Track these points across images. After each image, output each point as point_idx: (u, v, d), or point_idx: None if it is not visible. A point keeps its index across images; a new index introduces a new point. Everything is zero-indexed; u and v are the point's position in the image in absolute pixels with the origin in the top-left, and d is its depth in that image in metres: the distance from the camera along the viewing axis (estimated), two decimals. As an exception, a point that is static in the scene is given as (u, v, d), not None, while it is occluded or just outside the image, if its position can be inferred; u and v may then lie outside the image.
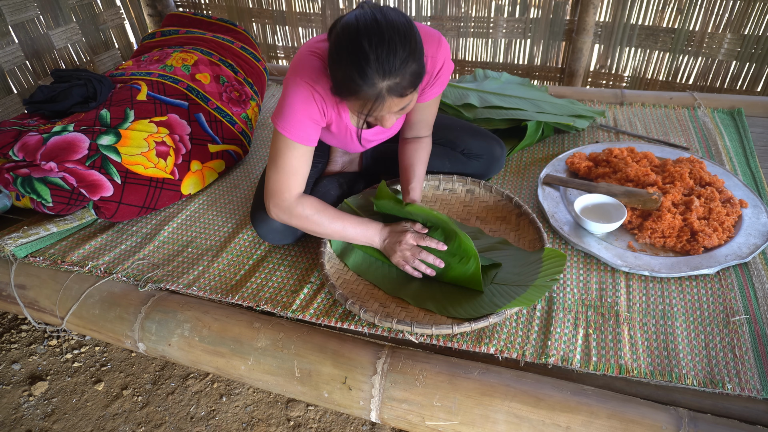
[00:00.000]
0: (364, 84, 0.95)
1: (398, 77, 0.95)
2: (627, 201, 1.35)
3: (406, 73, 0.96)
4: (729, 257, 1.20)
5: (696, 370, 0.99)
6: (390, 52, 0.92)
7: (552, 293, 1.17)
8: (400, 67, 0.94)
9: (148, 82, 1.66)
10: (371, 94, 0.97)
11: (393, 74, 0.94)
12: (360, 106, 1.01)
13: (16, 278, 1.34)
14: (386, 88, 0.96)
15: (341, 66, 0.96)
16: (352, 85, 0.96)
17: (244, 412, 1.48)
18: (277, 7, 2.94)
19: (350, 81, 0.95)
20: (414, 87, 1.00)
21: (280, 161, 1.15)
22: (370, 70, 0.93)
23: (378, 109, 1.01)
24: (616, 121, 1.89)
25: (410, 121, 1.32)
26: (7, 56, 2.22)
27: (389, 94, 0.97)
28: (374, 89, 0.96)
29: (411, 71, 0.97)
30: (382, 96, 0.97)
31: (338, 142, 1.35)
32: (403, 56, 0.94)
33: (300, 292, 1.22)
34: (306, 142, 1.14)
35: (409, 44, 0.95)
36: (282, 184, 1.16)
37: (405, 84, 0.97)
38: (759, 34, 2.16)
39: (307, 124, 1.13)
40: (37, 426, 1.47)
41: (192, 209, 1.57)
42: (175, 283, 1.28)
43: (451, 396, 0.95)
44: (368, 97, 0.97)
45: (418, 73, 0.99)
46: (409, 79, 0.97)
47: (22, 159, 1.39)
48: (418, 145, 1.33)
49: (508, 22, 2.57)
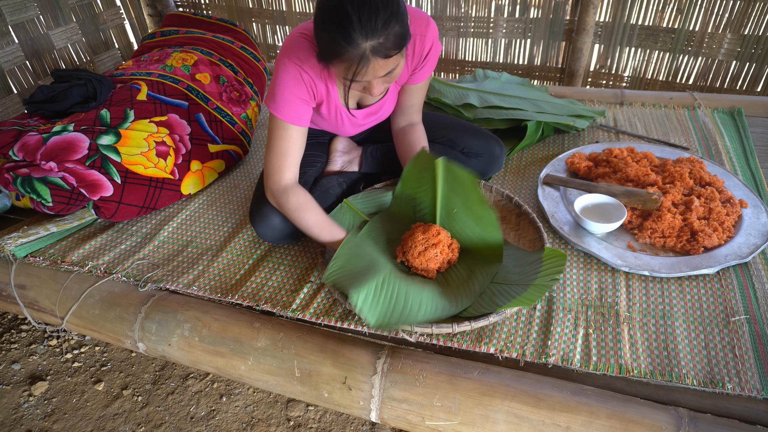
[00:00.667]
0: (348, 45, 0.97)
1: (381, 37, 0.97)
2: (627, 201, 1.35)
3: (389, 34, 0.98)
4: (729, 257, 1.20)
5: (696, 370, 0.99)
6: (372, 12, 0.94)
7: (552, 293, 1.17)
8: (383, 27, 0.96)
9: (148, 82, 1.66)
10: (355, 54, 0.98)
11: (376, 34, 0.96)
12: (345, 70, 1.03)
13: (16, 278, 1.34)
14: (370, 49, 0.98)
15: (325, 29, 0.99)
16: (337, 47, 0.98)
17: (244, 412, 1.48)
18: (277, 7, 2.94)
19: (334, 43, 0.98)
20: (398, 48, 1.01)
21: (273, 142, 1.20)
22: (353, 31, 0.95)
23: (363, 72, 1.02)
24: (616, 121, 1.89)
25: (402, 106, 1.34)
26: (7, 56, 2.23)
27: (373, 54, 0.99)
28: (358, 50, 0.97)
29: (394, 32, 0.98)
30: (366, 57, 0.99)
31: (330, 125, 1.36)
32: (385, 17, 0.96)
33: (300, 292, 1.22)
34: (296, 122, 1.18)
35: (391, 5, 0.97)
36: (274, 165, 1.20)
37: (389, 45, 0.99)
38: (759, 34, 2.16)
39: (296, 104, 1.16)
40: (37, 426, 1.47)
41: (192, 209, 1.57)
42: (175, 283, 1.28)
43: (451, 396, 0.95)
44: (353, 59, 0.99)
45: (401, 35, 1.00)
46: (392, 40, 0.99)
47: (22, 159, 1.39)
48: (414, 132, 1.35)
49: (508, 22, 2.57)
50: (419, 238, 1.17)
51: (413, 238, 1.18)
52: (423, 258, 1.16)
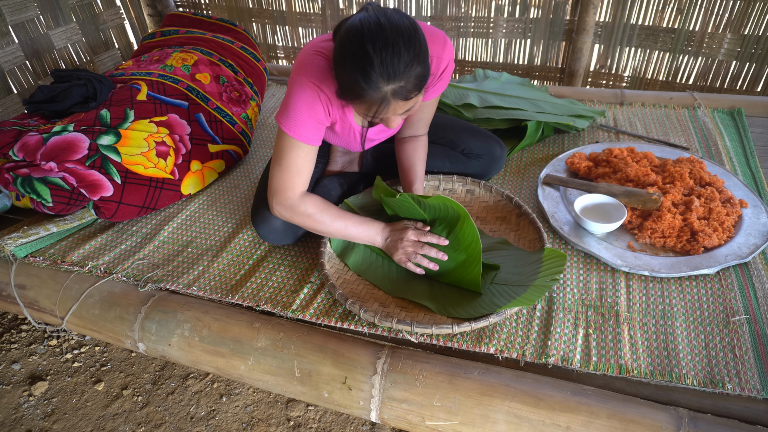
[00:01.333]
0: (369, 88, 0.95)
1: (403, 81, 0.95)
2: (627, 201, 1.35)
3: (410, 77, 0.96)
4: (729, 257, 1.20)
5: (696, 370, 0.99)
6: (394, 55, 0.92)
7: (552, 293, 1.17)
8: (404, 70, 0.94)
9: (148, 82, 1.66)
10: (376, 98, 0.97)
11: (398, 78, 0.94)
12: (365, 110, 1.02)
13: (16, 278, 1.34)
14: (391, 92, 0.96)
15: (346, 70, 0.97)
16: (357, 89, 0.96)
17: (244, 412, 1.48)
18: (277, 7, 2.94)
19: (355, 85, 0.96)
20: (419, 90, 1.00)
21: (284, 160, 1.15)
22: (375, 74, 0.93)
23: (383, 112, 1.01)
24: (616, 121, 1.89)
25: (410, 120, 1.33)
26: (7, 56, 2.23)
27: (394, 97, 0.98)
28: (379, 93, 0.96)
29: (416, 74, 0.97)
30: (387, 99, 0.98)
31: (341, 142, 1.36)
32: (408, 60, 0.94)
33: (300, 292, 1.22)
34: (310, 141, 1.15)
35: (414, 47, 0.95)
36: (286, 182, 1.16)
37: (410, 87, 0.98)
38: (759, 34, 2.16)
39: (311, 124, 1.13)
40: (37, 426, 1.47)
41: (192, 209, 1.57)
42: (175, 283, 1.28)
43: (451, 396, 0.95)
44: (373, 101, 0.98)
45: (422, 76, 0.99)
46: (413, 82, 0.97)
47: (22, 159, 1.39)
48: (416, 144, 1.34)
49: (508, 22, 2.57)
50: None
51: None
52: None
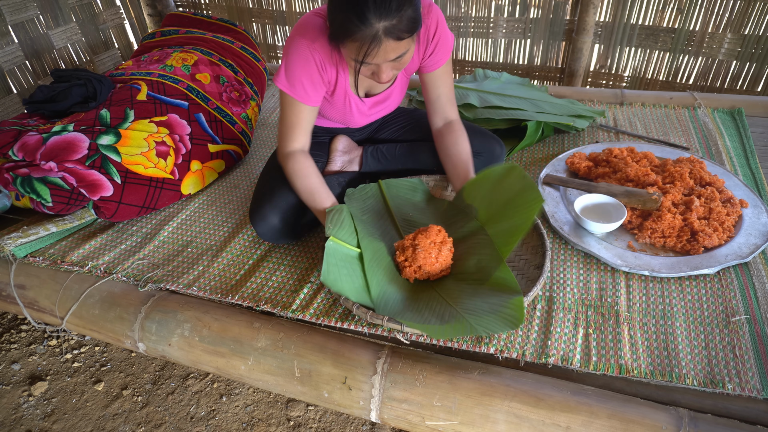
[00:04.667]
0: (362, 24, 0.98)
1: (395, 19, 0.98)
2: (627, 201, 1.35)
3: (402, 16, 0.99)
4: (729, 257, 1.20)
5: (696, 370, 0.99)
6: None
7: (552, 293, 1.17)
8: (396, 8, 0.98)
9: (148, 82, 1.66)
10: (368, 34, 0.99)
11: (390, 15, 0.97)
12: (356, 50, 1.04)
13: (15, 278, 1.34)
14: (383, 29, 0.99)
15: (339, 9, 1.00)
16: (350, 25, 0.99)
17: (244, 412, 1.48)
18: (277, 7, 2.94)
19: (347, 22, 0.99)
20: (410, 32, 1.02)
21: (283, 114, 1.25)
22: (368, 10, 0.96)
23: (374, 53, 1.03)
24: (616, 121, 1.89)
25: (429, 99, 1.34)
26: (6, 56, 2.23)
27: (386, 35, 1.00)
28: (371, 29, 0.99)
29: (408, 15, 1.00)
30: (379, 37, 1.00)
31: (338, 113, 1.37)
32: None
33: (300, 292, 1.22)
34: (304, 100, 1.20)
35: None
36: (282, 135, 1.26)
37: (402, 27, 1.00)
38: (759, 34, 2.16)
39: (305, 83, 1.18)
40: (37, 426, 1.47)
41: (192, 209, 1.57)
42: (175, 283, 1.28)
43: (451, 396, 0.95)
44: (365, 39, 1.00)
45: (414, 18, 1.01)
46: (405, 23, 1.00)
47: (21, 159, 1.38)
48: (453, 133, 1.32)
49: (508, 22, 2.57)
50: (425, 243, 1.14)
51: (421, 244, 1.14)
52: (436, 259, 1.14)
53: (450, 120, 1.36)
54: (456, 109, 1.37)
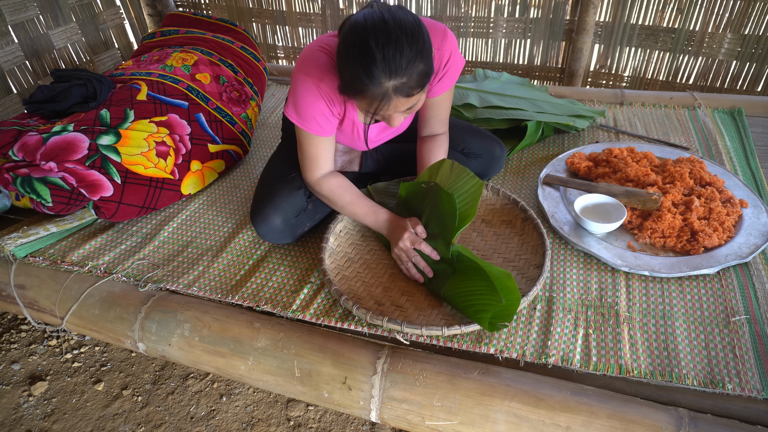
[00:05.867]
0: (371, 83, 0.96)
1: (405, 77, 0.96)
2: (627, 201, 1.35)
3: (413, 73, 0.96)
4: (729, 257, 1.20)
5: (696, 370, 0.99)
6: (397, 51, 0.93)
7: (552, 293, 1.17)
8: (407, 66, 0.95)
9: (148, 82, 1.66)
10: (378, 93, 0.97)
11: (400, 74, 0.95)
12: (367, 105, 1.02)
13: (15, 278, 1.34)
14: (393, 88, 0.97)
15: (348, 65, 0.98)
16: (359, 84, 0.97)
17: (244, 412, 1.48)
18: (277, 7, 2.93)
19: (357, 80, 0.97)
20: (421, 87, 1.01)
21: (303, 148, 1.24)
22: (377, 69, 0.94)
23: (384, 108, 1.02)
24: (616, 121, 1.89)
25: (424, 118, 1.33)
26: (6, 56, 2.22)
27: (396, 93, 0.98)
28: (380, 89, 0.97)
29: (418, 71, 0.97)
30: (389, 95, 0.98)
31: (345, 139, 1.36)
32: (410, 56, 0.94)
33: (300, 292, 1.22)
34: (321, 133, 1.19)
35: (417, 44, 0.95)
36: (306, 167, 1.26)
37: (412, 84, 0.98)
38: (759, 34, 2.16)
39: (318, 118, 1.16)
40: (37, 426, 1.47)
41: (192, 209, 1.56)
42: (175, 283, 1.28)
43: (451, 396, 0.95)
44: (375, 97, 0.98)
45: (425, 73, 0.99)
46: (416, 79, 0.98)
47: (21, 159, 1.38)
48: (434, 143, 1.33)
49: (508, 22, 2.57)
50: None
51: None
52: None
53: (435, 133, 1.35)
54: (446, 126, 1.36)
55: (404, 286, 1.22)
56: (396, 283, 1.23)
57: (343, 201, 1.26)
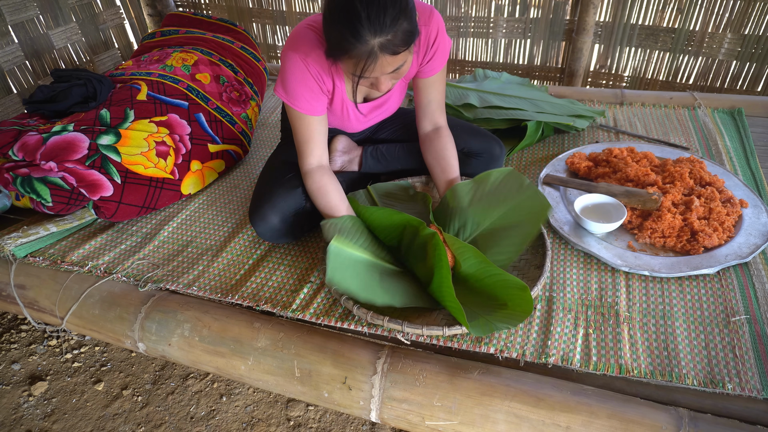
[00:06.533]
0: (357, 41, 0.97)
1: (390, 34, 0.97)
2: (627, 201, 1.35)
3: (398, 31, 0.98)
4: (729, 257, 1.20)
5: (696, 370, 0.99)
6: (381, 9, 0.95)
7: (552, 293, 1.17)
8: (391, 24, 0.96)
9: (148, 82, 1.66)
10: (363, 51, 0.99)
11: (384, 31, 0.97)
12: (353, 66, 1.03)
13: (15, 278, 1.34)
14: (378, 45, 0.98)
15: (334, 26, 0.99)
16: (345, 43, 0.98)
17: (244, 412, 1.48)
18: (277, 7, 2.94)
19: (343, 40, 0.98)
20: (406, 45, 1.02)
21: (295, 131, 1.25)
22: (362, 27, 0.95)
23: (371, 68, 1.02)
24: (616, 121, 1.89)
25: (420, 104, 1.34)
26: (6, 56, 2.22)
27: (381, 51, 0.99)
28: (366, 46, 0.98)
29: (403, 29, 0.99)
30: (375, 53, 0.99)
31: (336, 119, 1.36)
32: (394, 13, 0.96)
33: (300, 292, 1.22)
34: (310, 112, 1.19)
35: (399, 2, 0.97)
36: (299, 152, 1.26)
37: (397, 41, 0.99)
38: (759, 34, 2.16)
39: (307, 95, 1.17)
40: (37, 426, 1.47)
41: (192, 209, 1.56)
42: (175, 283, 1.28)
43: (451, 396, 0.95)
44: (361, 55, 1.00)
45: (410, 32, 1.01)
46: (401, 37, 0.99)
47: (21, 159, 1.38)
48: (441, 140, 1.33)
49: (508, 22, 2.57)
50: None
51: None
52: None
53: (439, 126, 1.36)
54: (445, 116, 1.37)
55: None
56: (396, 283, 1.23)
57: (321, 203, 1.24)
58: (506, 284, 1.05)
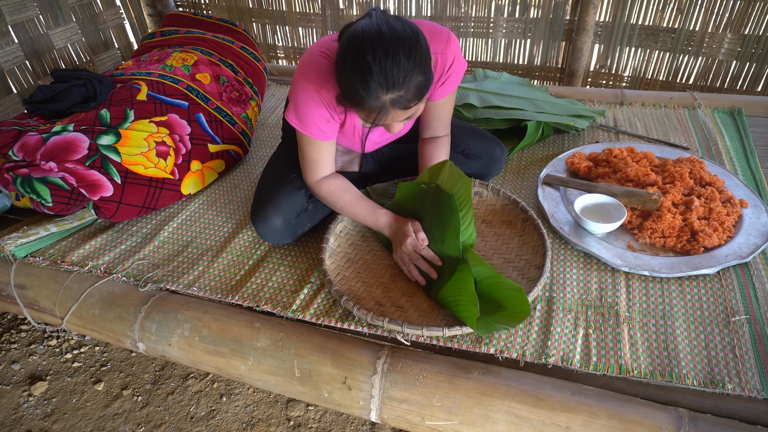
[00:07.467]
0: (368, 97, 0.95)
1: (402, 90, 0.95)
2: (627, 201, 1.35)
3: (410, 86, 0.96)
4: (729, 257, 1.20)
5: (696, 370, 0.99)
6: (394, 64, 0.92)
7: (552, 293, 1.17)
8: (404, 80, 0.94)
9: (148, 82, 1.66)
10: (375, 106, 0.97)
11: (396, 87, 0.95)
12: (365, 116, 1.02)
13: (15, 278, 1.34)
14: (390, 101, 0.97)
15: (346, 78, 0.97)
16: (356, 97, 0.97)
17: (244, 412, 1.48)
18: (277, 7, 2.94)
19: (354, 93, 0.96)
20: (418, 99, 1.00)
21: (303, 152, 1.24)
22: (373, 83, 0.93)
23: (382, 120, 1.02)
24: (616, 121, 1.89)
25: (425, 121, 1.33)
26: (6, 56, 2.22)
27: (393, 106, 0.98)
28: (378, 102, 0.96)
29: (416, 84, 0.97)
30: (386, 108, 0.98)
31: (346, 141, 1.36)
32: (408, 69, 0.94)
33: (300, 292, 1.22)
34: (322, 137, 1.18)
35: (414, 56, 0.94)
36: (306, 170, 1.26)
37: (409, 96, 0.98)
38: (759, 34, 2.16)
39: (319, 123, 1.16)
40: (37, 426, 1.47)
41: (192, 209, 1.56)
42: (175, 283, 1.28)
43: (451, 396, 0.95)
44: (372, 109, 0.98)
45: (423, 85, 0.99)
46: (413, 92, 0.97)
47: (21, 159, 1.39)
48: (435, 145, 1.33)
49: (508, 22, 2.57)
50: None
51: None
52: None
53: (437, 136, 1.35)
54: (448, 128, 1.36)
55: (404, 287, 1.22)
56: (396, 284, 1.23)
57: (342, 202, 1.26)
58: (502, 286, 1.06)
